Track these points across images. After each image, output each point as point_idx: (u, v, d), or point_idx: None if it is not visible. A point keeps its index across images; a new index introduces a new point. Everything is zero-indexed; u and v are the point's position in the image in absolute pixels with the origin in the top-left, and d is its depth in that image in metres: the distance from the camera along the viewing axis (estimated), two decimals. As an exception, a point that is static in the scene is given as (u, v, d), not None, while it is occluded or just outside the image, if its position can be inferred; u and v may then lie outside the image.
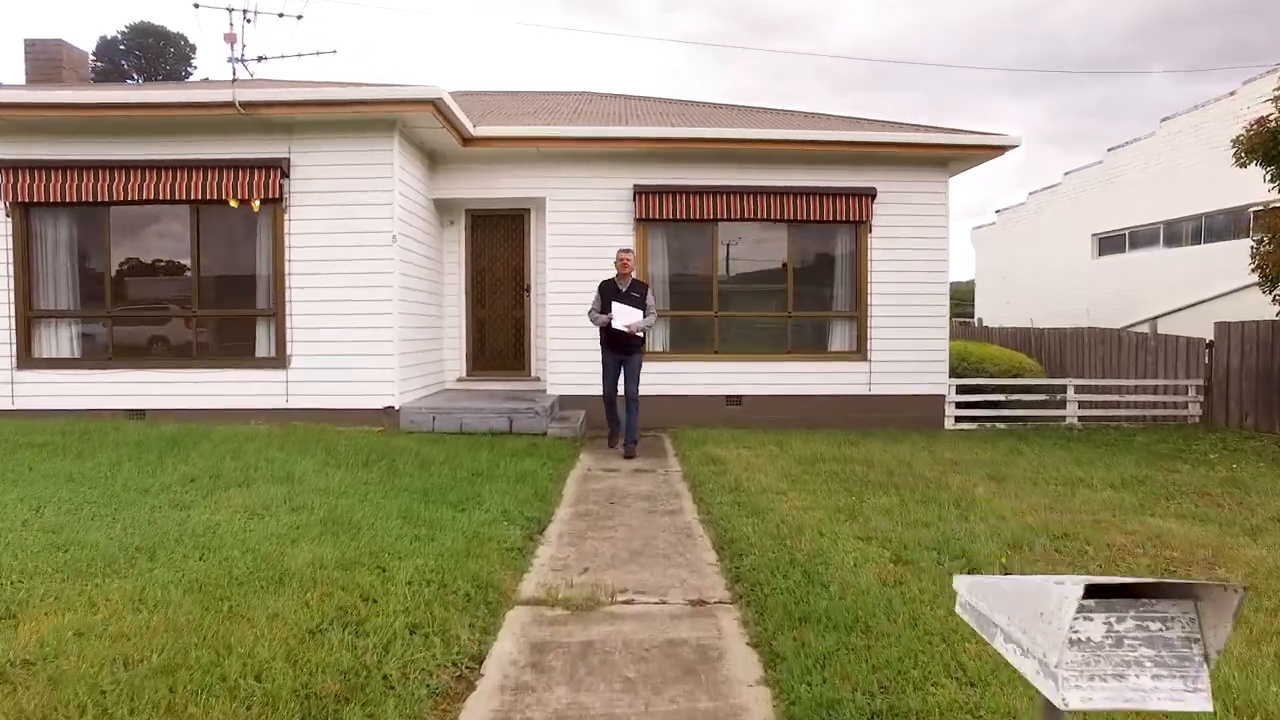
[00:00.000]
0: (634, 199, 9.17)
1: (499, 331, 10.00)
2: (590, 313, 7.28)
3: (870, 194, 9.28)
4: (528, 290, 9.92)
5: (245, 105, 7.38)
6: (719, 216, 9.17)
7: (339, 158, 7.98)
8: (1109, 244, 15.54)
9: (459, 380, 9.90)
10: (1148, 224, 14.42)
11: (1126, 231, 14.91)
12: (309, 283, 8.00)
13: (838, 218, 9.24)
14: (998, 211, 19.95)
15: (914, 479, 5.91)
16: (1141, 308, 13.44)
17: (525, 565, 3.86)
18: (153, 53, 38.09)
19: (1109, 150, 15.28)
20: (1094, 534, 4.28)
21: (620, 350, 7.18)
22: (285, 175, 7.93)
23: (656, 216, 9.14)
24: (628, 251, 7.18)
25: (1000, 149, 9.08)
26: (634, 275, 7.24)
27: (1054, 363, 12.08)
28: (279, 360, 8.05)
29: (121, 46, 37.62)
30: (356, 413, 8.00)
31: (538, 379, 9.81)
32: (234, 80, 7.31)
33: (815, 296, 9.65)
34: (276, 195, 7.87)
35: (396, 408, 8.02)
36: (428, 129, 8.15)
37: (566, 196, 9.25)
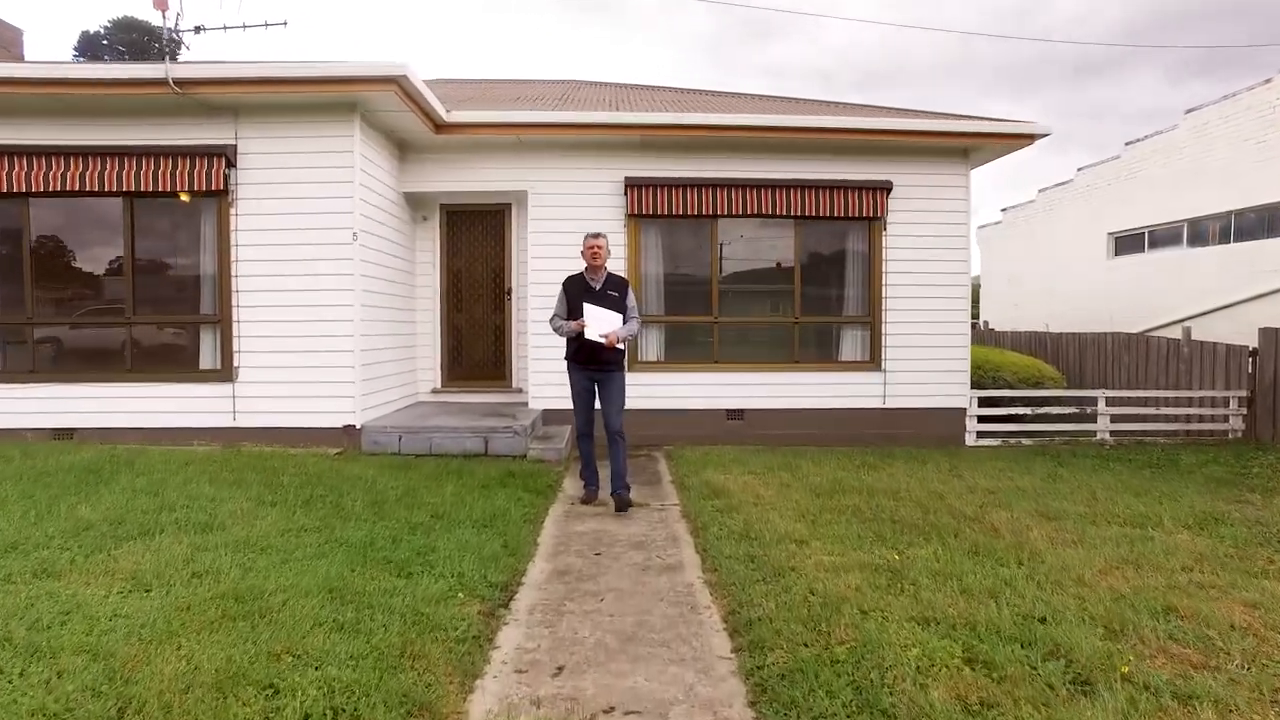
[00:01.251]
0: (625, 192, 8.18)
1: (477, 339, 9.00)
2: (553, 319, 5.51)
3: (885, 188, 8.32)
4: (509, 293, 8.92)
5: (180, 83, 6.35)
6: (718, 212, 8.19)
7: (292, 145, 6.97)
8: (1127, 243, 14.60)
9: (434, 392, 8.89)
10: (1170, 222, 13.49)
11: (1146, 230, 13.97)
12: (258, 285, 6.99)
13: (849, 214, 8.28)
14: (1004, 210, 18.98)
15: (953, 518, 4.95)
16: (1163, 311, 12.56)
17: (479, 665, 2.87)
18: (137, 48, 36.76)
19: (1126, 144, 14.33)
20: (1206, 608, 3.32)
21: (595, 366, 5.39)
22: (231, 164, 6.91)
23: (650, 212, 8.15)
24: (598, 237, 5.37)
25: (1028, 138, 8.14)
26: (609, 270, 5.50)
27: (1073, 371, 11.16)
28: (225, 373, 7.03)
29: (104, 42, 36.34)
30: (313, 432, 7.00)
31: (520, 390, 8.82)
32: (165, 54, 6.30)
33: (824, 300, 8.69)
34: (221, 187, 6.84)
35: (358, 426, 7.02)
36: (393, 113, 7.14)
37: (551, 190, 8.25)
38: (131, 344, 7.13)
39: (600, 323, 5.23)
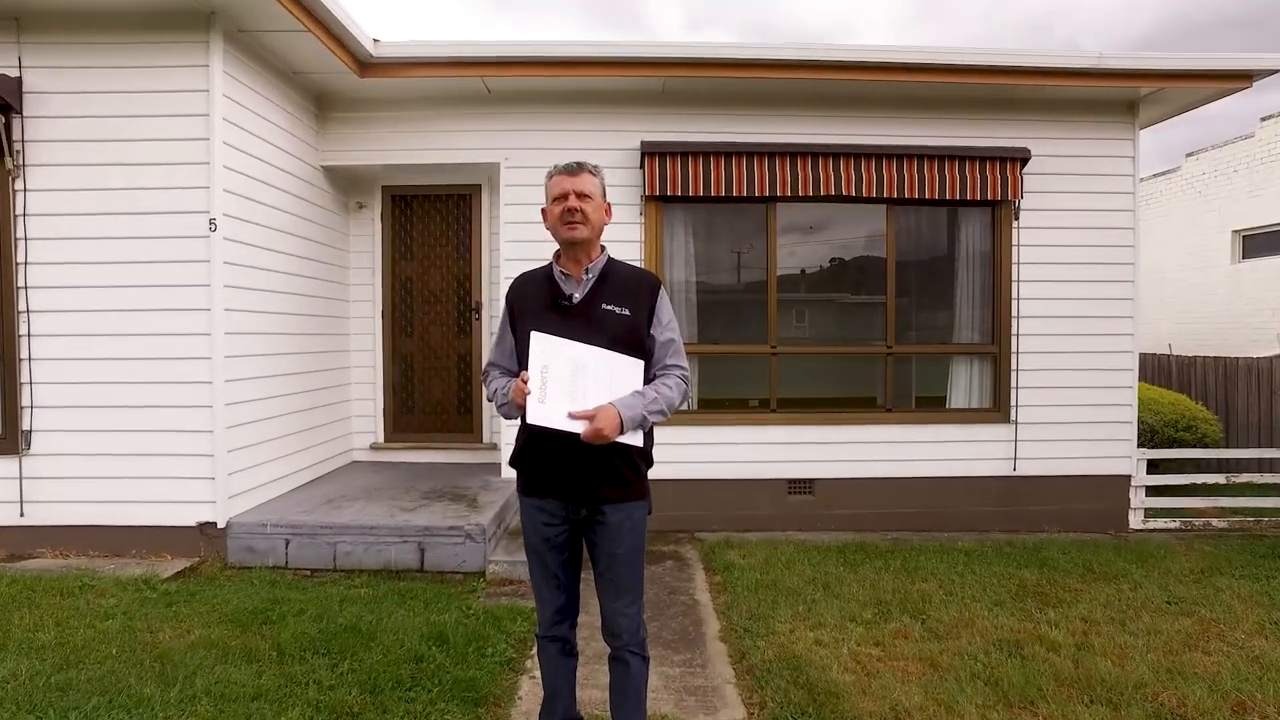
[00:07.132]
0: (643, 164, 5.38)
1: (434, 373, 6.20)
2: (486, 370, 2.29)
3: (1019, 157, 5.47)
4: (477, 310, 6.14)
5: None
6: (777, 192, 5.37)
7: (113, 79, 4.22)
8: (1260, 243, 11.53)
9: (373, 448, 6.10)
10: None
11: (1292, 226, 11.00)
12: (61, 303, 4.24)
13: (967, 195, 5.43)
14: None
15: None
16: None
17: None
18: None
19: (1262, 120, 11.35)
20: None
21: (569, 493, 2.07)
22: (13, 109, 4.16)
23: (678, 192, 5.34)
24: (579, 174, 2.07)
25: (1241, 77, 5.24)
26: (609, 254, 2.18)
27: (1216, 408, 8.24)
28: (8, 441, 4.27)
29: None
30: (150, 534, 4.23)
31: (493, 447, 6.04)
32: None
33: (928, 321, 5.86)
34: (-6, 145, 4.10)
35: (221, 524, 4.24)
36: (282, 34, 4.38)
37: (533, 161, 5.44)
38: None
39: (572, 387, 1.97)
